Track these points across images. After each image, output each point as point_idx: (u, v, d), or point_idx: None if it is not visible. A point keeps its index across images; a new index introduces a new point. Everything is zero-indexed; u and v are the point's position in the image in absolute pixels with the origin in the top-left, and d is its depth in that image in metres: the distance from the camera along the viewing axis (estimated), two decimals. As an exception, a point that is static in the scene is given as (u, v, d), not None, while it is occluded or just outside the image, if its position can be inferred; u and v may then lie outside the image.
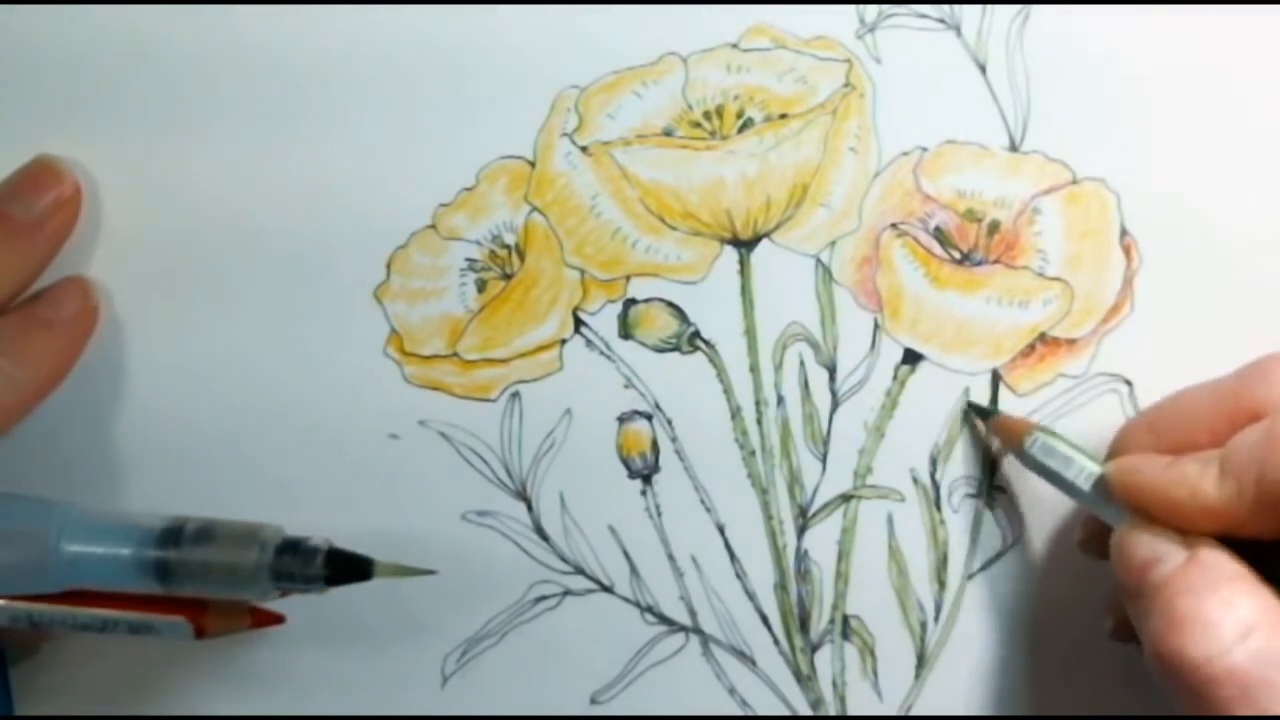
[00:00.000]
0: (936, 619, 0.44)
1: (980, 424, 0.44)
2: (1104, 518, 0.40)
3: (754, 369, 0.44)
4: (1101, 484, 0.40)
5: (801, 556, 0.44)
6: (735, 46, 0.43)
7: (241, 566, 0.39)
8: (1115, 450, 0.41)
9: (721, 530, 0.44)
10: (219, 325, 0.43)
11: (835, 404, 0.44)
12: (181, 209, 0.43)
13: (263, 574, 0.39)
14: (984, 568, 0.44)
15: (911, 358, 0.44)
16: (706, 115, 0.43)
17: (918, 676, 0.45)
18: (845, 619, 0.45)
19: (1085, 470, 0.40)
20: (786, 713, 0.45)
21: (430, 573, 0.41)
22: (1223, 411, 0.39)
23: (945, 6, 0.43)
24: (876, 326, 0.44)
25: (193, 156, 0.43)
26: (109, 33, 0.42)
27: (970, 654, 0.44)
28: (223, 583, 0.39)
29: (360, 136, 0.43)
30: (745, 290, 0.44)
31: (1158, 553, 0.37)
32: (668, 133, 0.43)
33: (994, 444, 0.44)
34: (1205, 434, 0.39)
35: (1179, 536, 0.37)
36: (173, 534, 0.39)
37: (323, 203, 0.43)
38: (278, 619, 0.42)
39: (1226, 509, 0.36)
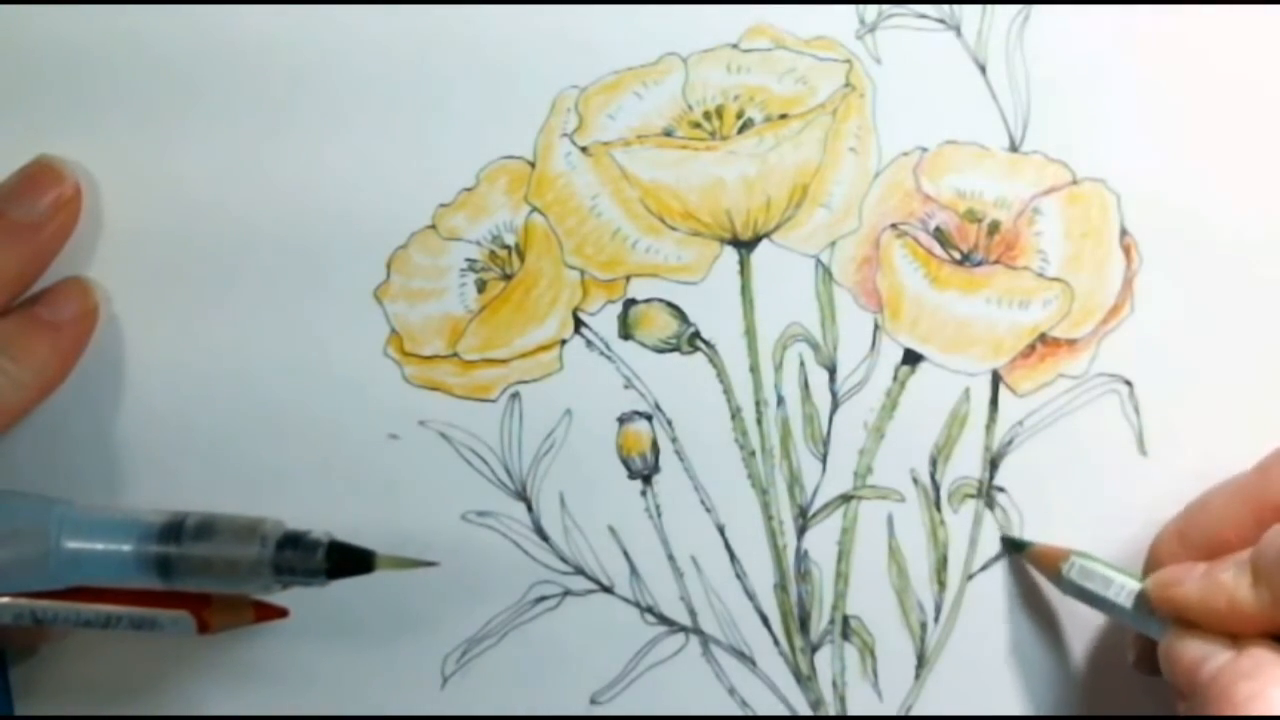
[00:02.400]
0: (936, 619, 0.44)
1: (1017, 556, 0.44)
2: (1147, 632, 0.40)
3: (754, 369, 0.44)
4: (1142, 599, 0.40)
5: (801, 557, 0.44)
6: (735, 47, 0.43)
7: (243, 561, 0.39)
8: (1150, 565, 0.42)
9: (721, 530, 0.44)
10: (219, 325, 0.43)
11: (835, 404, 0.44)
12: (182, 209, 0.43)
13: (264, 568, 0.39)
14: (984, 568, 0.44)
15: (911, 358, 0.44)
16: (706, 115, 0.43)
17: (918, 676, 0.45)
18: (845, 619, 0.45)
19: (1124, 588, 0.41)
20: (786, 713, 0.45)
21: (432, 564, 0.41)
22: (1248, 511, 0.40)
23: (945, 6, 0.43)
24: (876, 327, 0.44)
25: (193, 157, 0.43)
26: (109, 33, 0.42)
27: (970, 654, 0.44)
28: (224, 577, 0.39)
29: (360, 136, 0.43)
30: (745, 290, 0.44)
31: (1206, 653, 0.38)
32: (668, 133, 0.43)
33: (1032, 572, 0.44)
34: (1233, 534, 0.39)
35: (1224, 639, 0.38)
36: (173, 529, 0.39)
37: (323, 203, 0.43)
38: (281, 612, 0.42)
39: (1264, 613, 0.37)
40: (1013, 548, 0.44)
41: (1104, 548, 0.44)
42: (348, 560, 0.40)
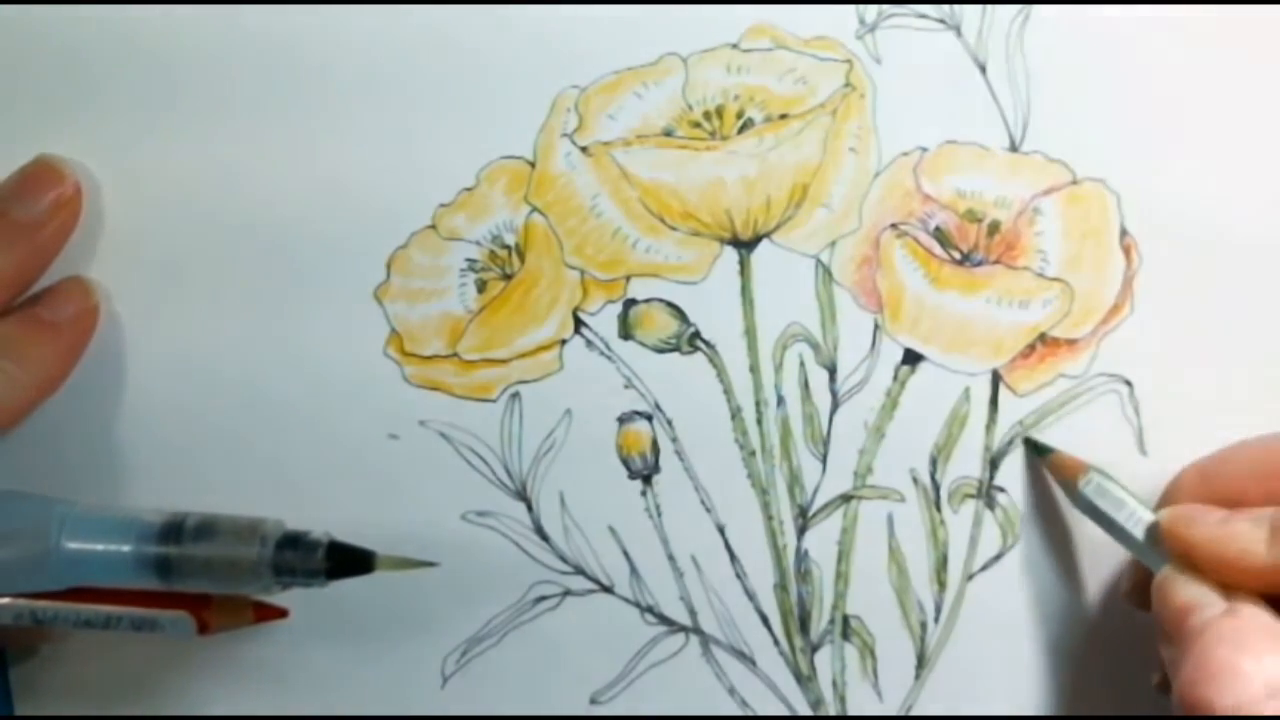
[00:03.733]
0: (936, 619, 0.44)
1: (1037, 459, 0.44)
2: (1148, 563, 0.40)
3: (754, 369, 0.44)
4: (1152, 531, 0.40)
5: (801, 556, 0.44)
6: (735, 47, 0.43)
7: (243, 561, 0.39)
8: (1167, 498, 0.42)
9: (721, 530, 0.44)
10: (219, 325, 0.43)
11: (835, 404, 0.44)
12: (182, 209, 0.43)
13: (264, 569, 0.39)
14: (984, 568, 0.44)
15: (912, 358, 0.44)
16: (706, 115, 0.43)
17: (918, 676, 0.45)
18: (845, 619, 0.45)
19: (1136, 515, 0.41)
20: (786, 713, 0.45)
21: (431, 564, 0.41)
22: (1276, 469, 0.39)
23: (945, 6, 0.43)
24: (876, 327, 0.44)
25: (193, 156, 0.43)
26: (109, 33, 0.42)
27: (970, 654, 0.44)
28: (224, 578, 0.39)
29: (360, 136, 0.43)
30: (745, 290, 0.44)
31: (1198, 599, 0.38)
32: (668, 133, 0.43)
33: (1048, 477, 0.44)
34: (1256, 488, 0.39)
35: (1220, 588, 0.38)
36: (173, 529, 0.39)
37: (323, 203, 0.43)
38: (281, 613, 0.42)
39: (1273, 572, 0.37)
40: (1035, 450, 0.44)
41: (1104, 547, 0.44)
42: (348, 560, 0.40)
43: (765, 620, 0.45)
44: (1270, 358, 0.44)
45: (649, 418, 0.44)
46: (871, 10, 0.43)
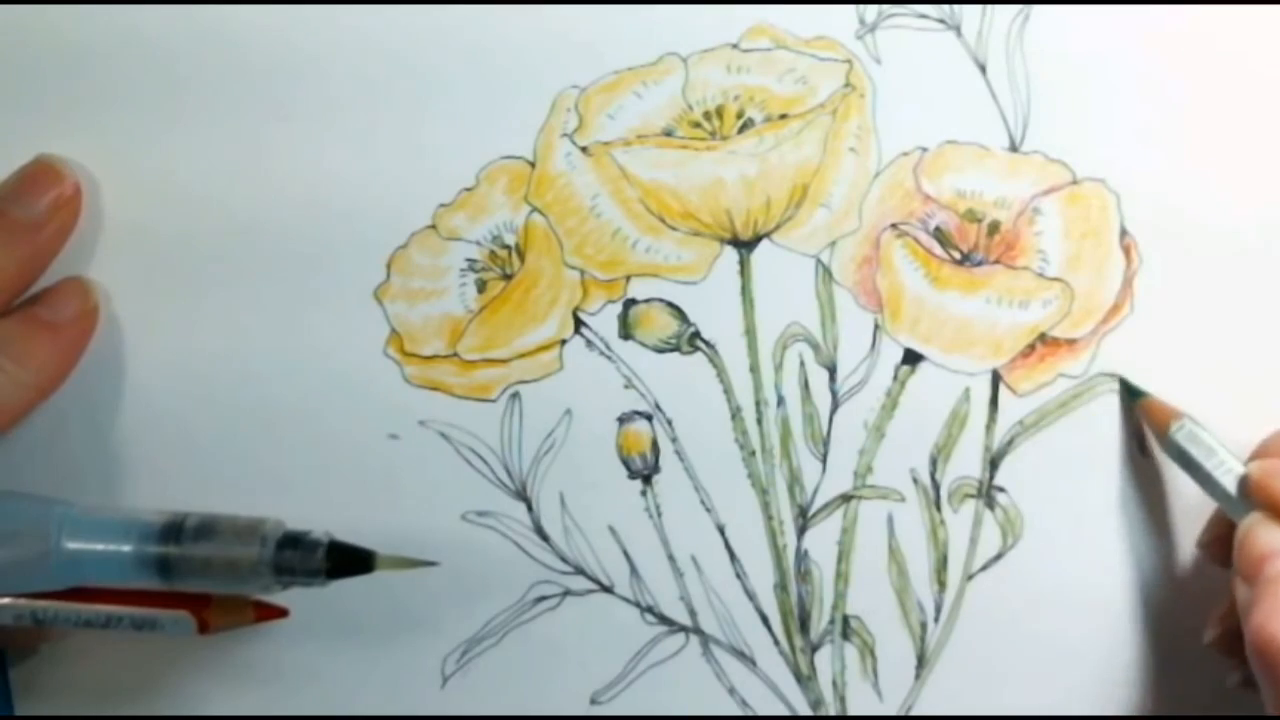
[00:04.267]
0: (936, 619, 0.44)
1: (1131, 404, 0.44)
2: (1232, 513, 0.41)
3: (754, 369, 0.44)
4: (1241, 482, 0.40)
5: (801, 556, 0.44)
6: (735, 47, 0.43)
7: (243, 561, 0.39)
8: (1260, 453, 0.42)
9: (721, 530, 0.44)
10: (219, 325, 0.43)
11: (835, 404, 0.44)
12: (181, 209, 0.43)
13: (264, 569, 0.39)
14: (984, 568, 0.44)
15: (912, 358, 0.44)
16: (706, 115, 0.43)
17: (918, 676, 0.45)
18: (845, 619, 0.45)
19: (1226, 465, 0.41)
20: (786, 713, 0.45)
21: (431, 564, 0.41)
22: None
23: (945, 6, 0.43)
24: (876, 327, 0.44)
25: (193, 156, 0.43)
26: (109, 33, 0.42)
27: (970, 654, 0.44)
28: (224, 578, 0.39)
29: (360, 136, 0.43)
30: (745, 290, 0.44)
31: (1278, 548, 0.38)
32: (668, 133, 0.43)
33: (1143, 425, 0.44)
34: None
35: None
36: (173, 529, 0.39)
37: (323, 203, 0.43)
38: (281, 612, 0.42)
39: None
40: (1130, 394, 0.43)
41: (1104, 547, 0.44)
42: (348, 560, 0.40)
43: (765, 620, 0.45)
44: (1270, 357, 0.44)
45: (649, 418, 0.44)
46: (871, 10, 0.43)
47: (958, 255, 0.43)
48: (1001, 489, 0.44)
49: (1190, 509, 0.44)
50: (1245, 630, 0.38)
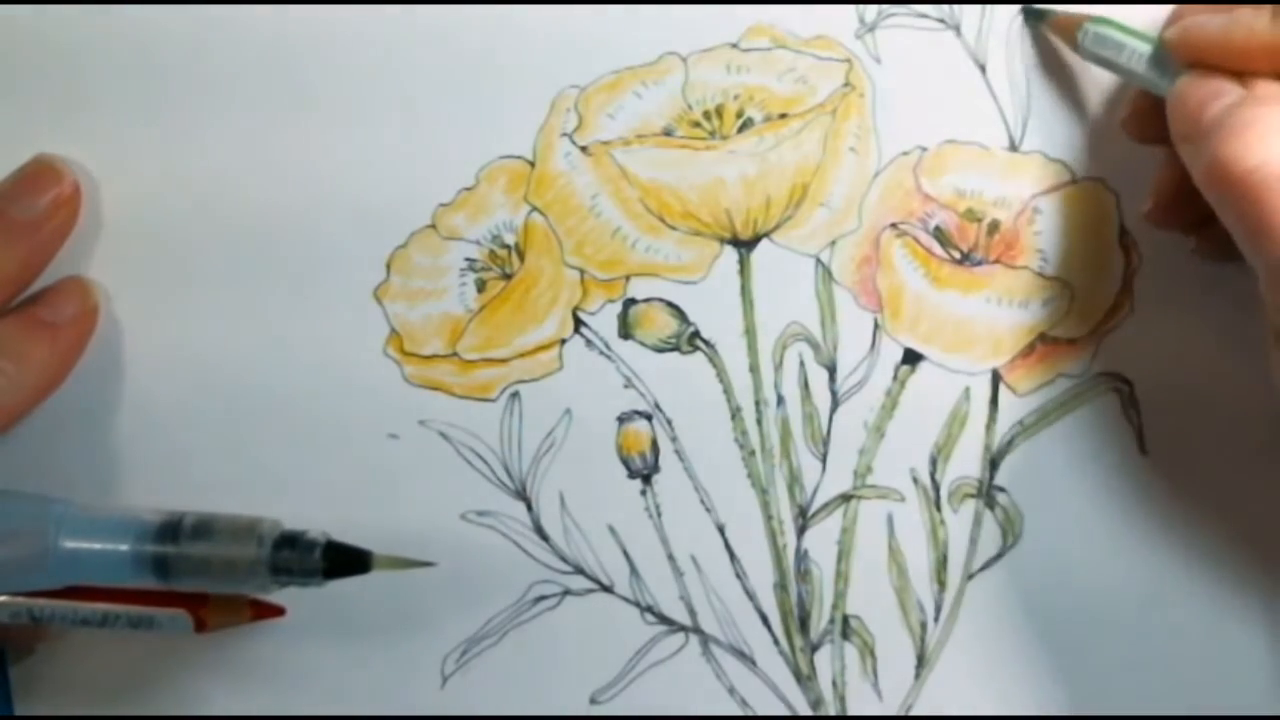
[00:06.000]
0: (936, 619, 0.44)
1: (1040, 28, 0.43)
2: (1158, 90, 0.40)
3: (754, 369, 0.44)
4: (1158, 55, 0.40)
5: (801, 556, 0.44)
6: (735, 46, 0.43)
7: (240, 561, 0.39)
8: (1172, 19, 0.41)
9: (721, 530, 0.44)
10: (219, 325, 0.43)
11: (835, 404, 0.44)
12: (181, 209, 0.43)
13: (261, 568, 0.39)
14: (984, 568, 0.44)
15: (911, 358, 0.44)
16: (706, 115, 0.43)
17: (918, 676, 0.45)
18: (845, 619, 0.44)
19: (1139, 50, 0.40)
20: (786, 713, 0.45)
21: (429, 564, 0.41)
22: None
23: (945, 6, 0.43)
24: (876, 326, 0.44)
25: (192, 156, 0.43)
26: (109, 32, 0.42)
27: (970, 654, 0.44)
28: (221, 577, 0.39)
29: (360, 136, 0.43)
30: (745, 290, 0.44)
31: (1216, 89, 0.38)
32: (668, 133, 0.43)
33: (1055, 41, 0.43)
34: None
35: (1236, 80, 0.38)
36: (170, 529, 0.39)
37: (322, 202, 0.43)
38: (278, 611, 0.42)
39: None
40: (1035, 17, 0.43)
41: (1104, 547, 0.44)
42: (345, 560, 0.40)
43: (765, 620, 0.44)
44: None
45: (649, 417, 0.44)
46: (871, 10, 0.43)
47: (957, 255, 0.43)
48: (1001, 489, 0.44)
49: (1190, 507, 0.44)
50: (1197, 174, 0.37)
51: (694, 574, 0.44)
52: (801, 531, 0.44)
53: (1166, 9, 0.41)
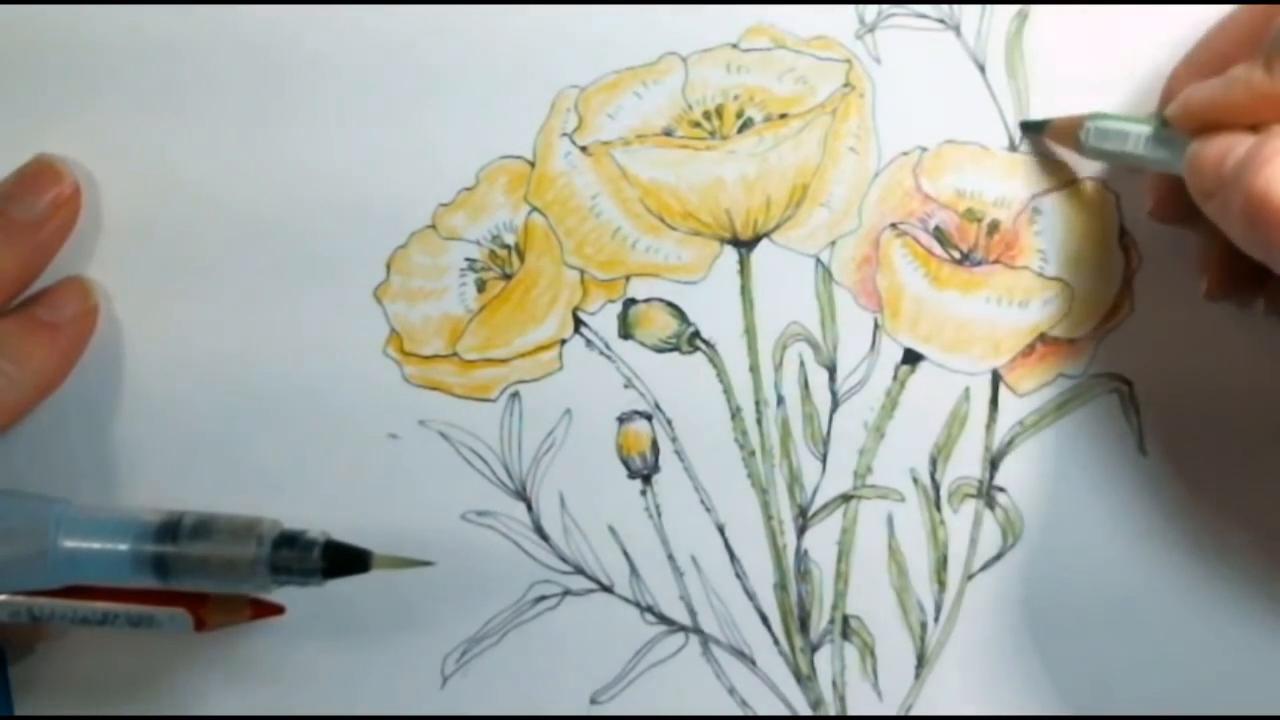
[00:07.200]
0: (936, 619, 0.44)
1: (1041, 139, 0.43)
2: (1172, 168, 0.40)
3: (754, 369, 0.44)
4: (1163, 135, 0.40)
5: (801, 556, 0.44)
6: (735, 46, 0.43)
7: (239, 561, 0.39)
8: (1164, 99, 0.41)
9: (721, 530, 0.44)
10: (219, 325, 0.43)
11: (835, 404, 0.44)
12: (181, 209, 0.43)
13: (260, 568, 0.39)
14: (984, 568, 0.44)
15: (911, 358, 0.44)
16: (706, 115, 0.43)
17: (918, 676, 0.45)
18: (845, 619, 0.44)
19: (1143, 133, 0.40)
20: (786, 713, 0.45)
21: (428, 564, 0.41)
22: (1259, 21, 0.39)
23: (945, 6, 0.43)
24: (876, 326, 0.44)
25: (192, 156, 0.43)
26: (109, 31, 0.42)
27: (970, 654, 0.44)
28: (220, 577, 0.39)
29: (360, 136, 0.43)
30: (745, 290, 0.44)
31: (1231, 142, 0.37)
32: (668, 133, 0.43)
33: (1058, 152, 0.43)
34: (1243, 52, 0.38)
35: (1246, 132, 0.37)
36: (170, 529, 0.39)
37: (323, 202, 0.43)
38: (278, 610, 0.42)
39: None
40: (1033, 129, 0.43)
41: (1104, 547, 0.44)
42: (344, 560, 0.40)
43: (765, 620, 0.44)
44: (1270, 356, 0.44)
45: (649, 417, 0.44)
46: (871, 10, 0.43)
47: (957, 255, 0.44)
48: (1001, 489, 0.44)
49: (1189, 507, 0.44)
50: (1246, 223, 0.36)
51: (694, 574, 0.44)
52: (801, 531, 0.44)
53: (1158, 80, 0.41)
